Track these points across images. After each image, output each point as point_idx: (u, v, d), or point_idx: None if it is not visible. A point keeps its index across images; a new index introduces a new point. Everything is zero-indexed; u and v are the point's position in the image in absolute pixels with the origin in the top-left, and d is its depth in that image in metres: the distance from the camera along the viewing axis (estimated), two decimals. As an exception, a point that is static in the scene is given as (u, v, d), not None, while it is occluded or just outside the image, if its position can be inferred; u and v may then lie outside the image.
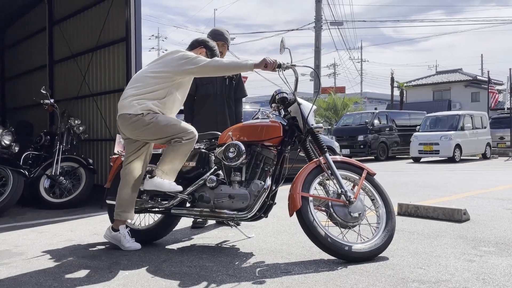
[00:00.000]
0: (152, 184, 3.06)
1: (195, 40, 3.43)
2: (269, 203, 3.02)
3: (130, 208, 3.19)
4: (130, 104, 3.06)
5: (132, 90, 3.13)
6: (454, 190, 6.51)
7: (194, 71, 3.09)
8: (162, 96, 3.10)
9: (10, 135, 5.32)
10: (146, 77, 3.14)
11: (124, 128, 3.14)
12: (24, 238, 3.65)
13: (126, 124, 3.08)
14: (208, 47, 3.37)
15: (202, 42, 3.39)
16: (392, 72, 30.75)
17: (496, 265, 2.66)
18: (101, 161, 6.94)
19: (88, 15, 7.17)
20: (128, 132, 3.13)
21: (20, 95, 9.42)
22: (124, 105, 3.10)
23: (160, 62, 3.17)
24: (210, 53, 3.35)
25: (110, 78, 6.74)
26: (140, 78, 3.17)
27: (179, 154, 3.06)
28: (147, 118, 3.03)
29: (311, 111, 3.06)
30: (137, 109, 3.03)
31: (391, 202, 3.03)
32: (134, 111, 3.03)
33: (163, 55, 3.27)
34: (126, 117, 3.06)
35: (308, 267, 2.69)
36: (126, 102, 3.09)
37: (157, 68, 3.14)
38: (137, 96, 3.07)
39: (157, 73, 3.11)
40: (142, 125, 3.03)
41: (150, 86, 3.09)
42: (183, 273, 2.60)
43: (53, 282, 2.49)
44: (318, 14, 22.79)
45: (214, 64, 3.03)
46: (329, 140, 9.68)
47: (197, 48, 3.35)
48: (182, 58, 3.08)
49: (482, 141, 14.99)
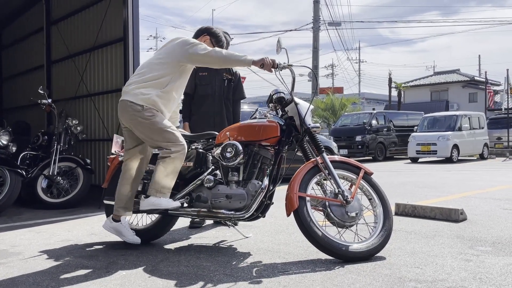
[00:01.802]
0: (149, 204, 3.01)
1: (199, 29, 3.45)
2: (266, 203, 3.02)
3: (129, 204, 3.18)
4: (133, 92, 3.06)
5: (137, 77, 3.14)
6: (451, 190, 6.53)
7: (195, 58, 3.06)
8: (165, 84, 3.08)
9: (7, 135, 5.31)
10: (151, 63, 3.16)
11: (122, 114, 3.13)
12: (21, 238, 3.64)
13: (125, 110, 3.08)
14: (212, 34, 3.37)
15: (206, 30, 3.40)
16: (390, 73, 30.85)
17: (492, 265, 2.67)
18: (98, 161, 6.93)
19: (86, 15, 7.16)
20: (124, 119, 3.13)
21: (17, 95, 9.40)
22: (127, 91, 3.11)
23: (164, 49, 3.18)
24: (215, 40, 3.36)
25: (108, 78, 6.73)
26: (146, 65, 3.18)
27: (170, 171, 3.02)
28: (146, 113, 3.02)
29: (308, 110, 3.06)
30: (139, 98, 3.03)
31: (389, 202, 3.04)
32: (136, 100, 3.03)
33: (166, 42, 3.28)
34: (126, 103, 3.06)
35: (305, 266, 2.69)
36: (130, 88, 3.10)
37: (161, 54, 3.15)
38: (141, 84, 3.07)
39: (162, 59, 3.12)
40: (139, 118, 3.03)
41: (154, 72, 3.08)
42: (180, 273, 2.60)
43: (51, 282, 2.48)
44: (316, 15, 22.84)
45: (214, 54, 3.01)
46: (327, 140, 9.70)
47: (201, 36, 3.36)
48: (186, 44, 3.08)
49: (479, 142, 15.03)
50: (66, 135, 5.65)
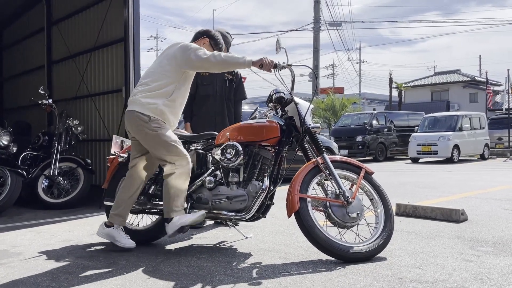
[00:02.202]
0: (176, 226, 2.93)
1: (198, 31, 3.42)
2: (267, 203, 3.02)
3: (125, 214, 3.17)
4: (140, 102, 3.04)
5: (142, 86, 3.11)
6: (452, 190, 6.52)
7: (195, 64, 3.05)
8: (170, 93, 3.07)
9: (8, 135, 5.31)
10: (154, 72, 3.13)
11: (129, 124, 3.12)
12: (22, 238, 3.64)
13: (132, 120, 3.07)
14: (211, 36, 3.35)
15: (205, 32, 3.37)
16: (390, 73, 30.88)
17: (493, 265, 2.67)
18: (99, 161, 6.93)
19: (87, 16, 7.16)
20: (131, 129, 3.12)
21: (18, 95, 9.40)
22: (133, 101, 3.09)
23: (165, 56, 3.16)
24: (214, 42, 3.34)
25: (109, 79, 6.73)
26: (149, 73, 3.16)
27: (179, 188, 2.97)
28: (153, 124, 3.00)
29: (308, 110, 3.05)
30: (146, 108, 3.02)
31: (390, 202, 3.03)
32: (143, 110, 3.02)
33: (165, 48, 3.25)
34: (134, 114, 3.05)
35: (306, 267, 2.69)
36: (136, 98, 3.08)
37: (163, 62, 3.13)
38: (148, 93, 3.05)
39: (164, 66, 3.10)
40: (146, 129, 3.01)
41: (159, 81, 3.06)
42: (181, 273, 2.60)
43: (51, 282, 2.48)
44: (317, 15, 22.84)
45: (213, 59, 3.00)
46: (327, 140, 9.69)
47: (200, 39, 3.34)
48: (186, 49, 3.06)
49: (480, 142, 15.02)
50: (67, 135, 5.65)
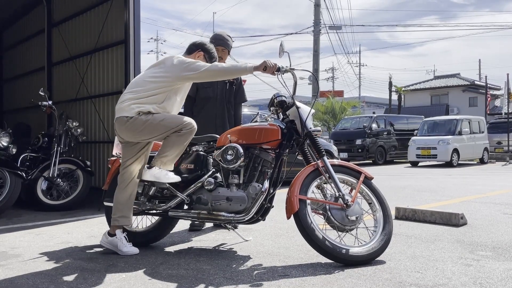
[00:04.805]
0: (151, 175, 3.09)
1: (192, 43, 3.39)
2: (266, 206, 3.02)
3: (128, 213, 3.16)
4: (128, 108, 3.04)
5: (130, 94, 3.10)
6: (451, 194, 6.52)
7: (194, 77, 3.07)
8: (161, 100, 3.09)
9: (7, 137, 5.31)
10: (145, 81, 3.12)
11: (121, 131, 3.11)
12: (21, 240, 3.64)
13: (123, 127, 3.07)
14: (206, 50, 3.33)
15: (200, 45, 3.35)
16: (390, 77, 30.89)
17: (493, 270, 2.67)
18: (99, 163, 6.93)
19: (87, 17, 7.17)
20: (125, 135, 3.11)
21: (18, 97, 9.41)
22: (121, 108, 3.09)
23: (159, 67, 3.14)
24: (208, 56, 3.32)
25: (109, 81, 6.74)
26: (139, 82, 3.15)
27: (179, 145, 3.07)
28: (143, 117, 3.02)
29: (309, 114, 3.07)
30: (134, 112, 3.03)
31: (389, 206, 3.04)
32: (131, 114, 3.02)
33: (161, 60, 3.23)
34: (123, 120, 3.05)
35: (305, 270, 2.69)
36: (124, 105, 3.07)
37: (156, 73, 3.11)
38: (136, 100, 3.05)
39: (157, 77, 3.09)
40: (140, 125, 3.01)
41: (149, 91, 3.07)
42: (180, 276, 2.60)
43: (50, 284, 2.48)
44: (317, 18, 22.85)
45: (214, 69, 3.01)
46: (327, 143, 9.70)
47: (194, 52, 3.31)
48: (182, 64, 3.05)
49: (479, 146, 15.03)
50: (67, 137, 5.65)
